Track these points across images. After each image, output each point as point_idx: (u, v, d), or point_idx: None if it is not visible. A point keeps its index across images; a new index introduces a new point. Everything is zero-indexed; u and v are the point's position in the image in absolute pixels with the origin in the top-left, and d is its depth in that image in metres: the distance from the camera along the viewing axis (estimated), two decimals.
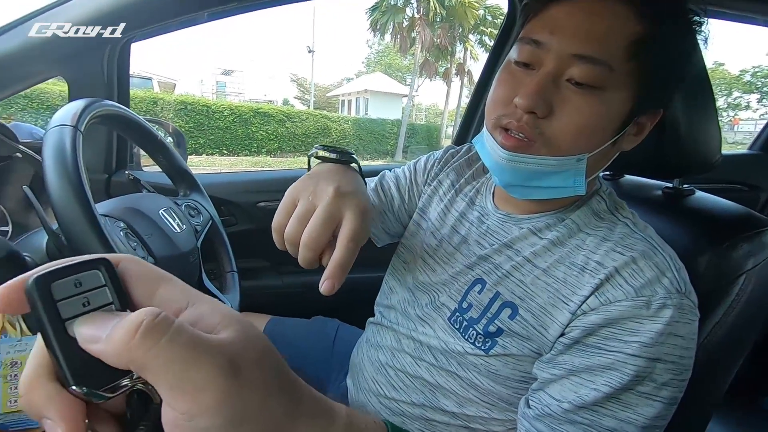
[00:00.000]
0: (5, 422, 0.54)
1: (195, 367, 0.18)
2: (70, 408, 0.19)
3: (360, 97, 26.40)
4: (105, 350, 0.18)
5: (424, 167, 0.75)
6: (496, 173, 0.55)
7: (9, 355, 0.53)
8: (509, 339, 0.51)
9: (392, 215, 0.74)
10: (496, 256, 0.57)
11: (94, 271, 0.19)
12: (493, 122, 0.53)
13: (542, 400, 0.47)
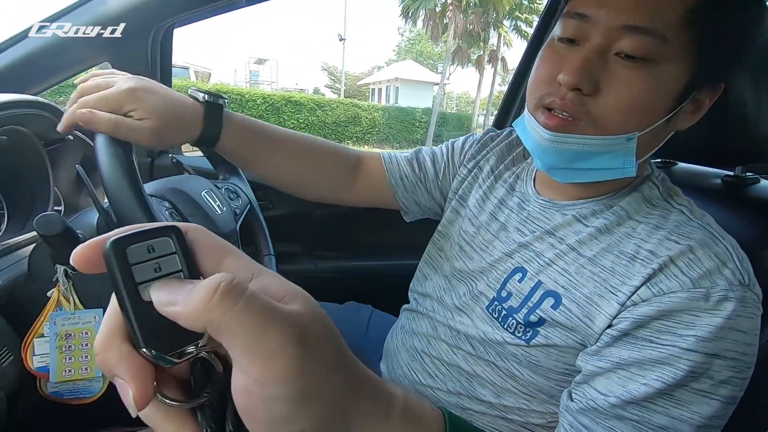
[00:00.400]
0: (60, 390, 0.57)
1: (268, 333, 0.18)
2: (140, 369, 0.19)
3: (390, 85, 26.25)
4: (182, 312, 0.19)
5: (461, 147, 0.74)
6: (538, 156, 0.53)
7: (63, 327, 0.56)
8: (552, 329, 0.49)
9: (424, 188, 0.73)
10: (538, 244, 0.55)
11: (166, 239, 0.20)
12: (535, 102, 0.51)
13: (586, 393, 0.45)
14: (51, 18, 0.79)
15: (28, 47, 0.79)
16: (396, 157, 0.74)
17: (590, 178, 0.51)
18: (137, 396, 0.19)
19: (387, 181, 0.73)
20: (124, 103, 0.48)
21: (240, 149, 0.61)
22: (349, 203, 0.75)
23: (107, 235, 0.20)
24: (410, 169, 0.73)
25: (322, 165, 0.69)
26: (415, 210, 0.75)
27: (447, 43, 19.25)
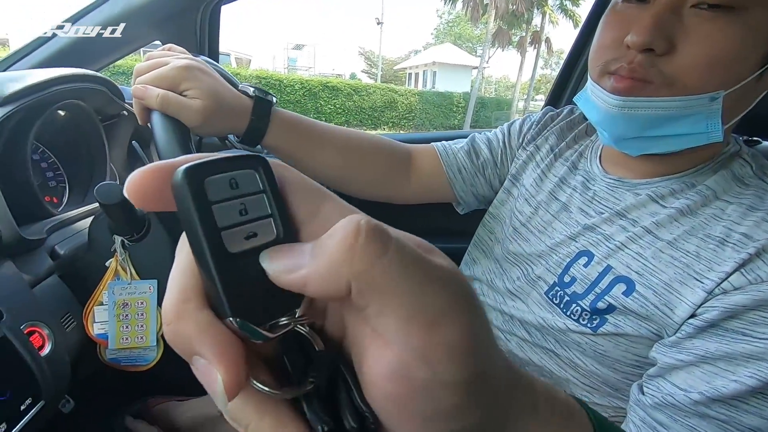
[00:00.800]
0: (118, 357, 0.59)
1: (432, 291, 0.14)
2: (229, 345, 0.14)
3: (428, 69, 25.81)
4: (315, 271, 0.14)
5: (519, 130, 0.69)
6: (605, 127, 0.49)
7: (121, 296, 0.57)
8: (622, 317, 0.46)
9: (483, 179, 0.70)
10: (606, 226, 0.50)
11: (251, 171, 0.15)
12: (600, 69, 0.47)
13: (662, 388, 0.41)
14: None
15: (86, 24, 0.81)
16: (451, 149, 0.70)
17: (668, 147, 0.46)
18: (228, 380, 0.14)
19: (444, 174, 0.69)
20: (177, 80, 0.48)
21: (286, 145, 0.59)
22: (401, 200, 0.71)
23: (176, 161, 0.15)
24: (468, 160, 0.69)
25: (372, 160, 0.66)
26: (471, 202, 0.72)
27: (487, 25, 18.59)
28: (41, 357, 0.45)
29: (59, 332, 0.50)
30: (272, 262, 0.15)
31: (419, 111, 14.66)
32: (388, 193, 0.70)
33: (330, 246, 0.14)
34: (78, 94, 0.65)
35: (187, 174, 0.14)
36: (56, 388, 0.46)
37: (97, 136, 0.71)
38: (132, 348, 0.59)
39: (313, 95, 12.57)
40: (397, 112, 14.22)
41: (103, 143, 0.72)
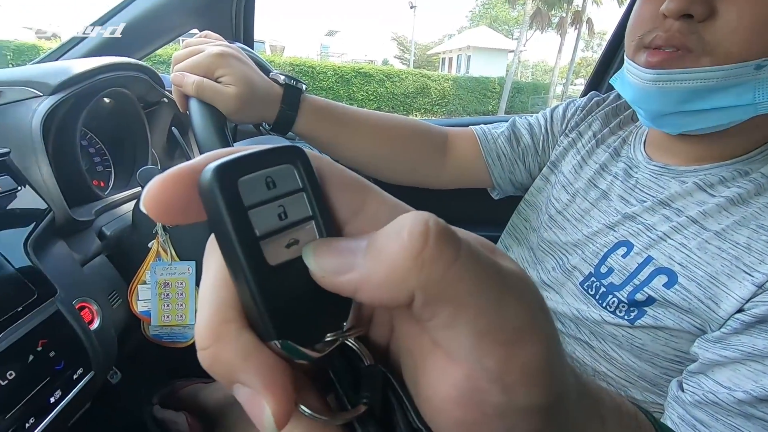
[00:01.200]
0: (160, 333, 0.63)
1: (511, 303, 0.12)
2: (275, 370, 0.12)
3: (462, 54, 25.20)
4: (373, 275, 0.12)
5: (562, 116, 0.66)
6: (641, 104, 0.46)
7: (162, 276, 0.60)
8: (662, 310, 0.44)
9: (523, 166, 0.67)
10: (648, 216, 0.48)
11: (289, 167, 0.13)
12: (635, 44, 0.44)
13: (704, 385, 0.39)
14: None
15: (126, 17, 0.84)
16: (491, 133, 0.68)
17: (711, 122, 0.43)
18: (278, 410, 0.12)
19: (482, 160, 0.67)
20: (212, 67, 0.49)
21: (317, 132, 0.59)
22: (436, 185, 0.69)
23: (199, 162, 0.13)
24: (508, 145, 0.67)
25: (406, 145, 0.65)
26: (508, 188, 0.70)
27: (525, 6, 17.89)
28: (91, 331, 0.48)
29: (107, 308, 0.54)
30: (319, 258, 0.13)
31: (452, 97, 14.38)
32: (423, 178, 0.68)
33: (392, 248, 0.12)
34: (122, 82, 0.67)
35: (218, 174, 0.12)
36: (104, 360, 0.49)
37: (139, 122, 0.74)
38: (172, 325, 0.62)
39: (346, 82, 12.57)
40: (429, 98, 14.02)
41: (145, 129, 0.75)
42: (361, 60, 31.52)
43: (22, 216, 0.48)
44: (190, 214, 0.13)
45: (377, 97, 13.09)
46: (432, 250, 0.11)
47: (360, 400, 0.13)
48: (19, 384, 0.38)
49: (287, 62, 12.24)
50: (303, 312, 0.13)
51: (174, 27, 0.89)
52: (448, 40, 31.95)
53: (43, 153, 0.52)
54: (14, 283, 0.42)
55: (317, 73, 12.16)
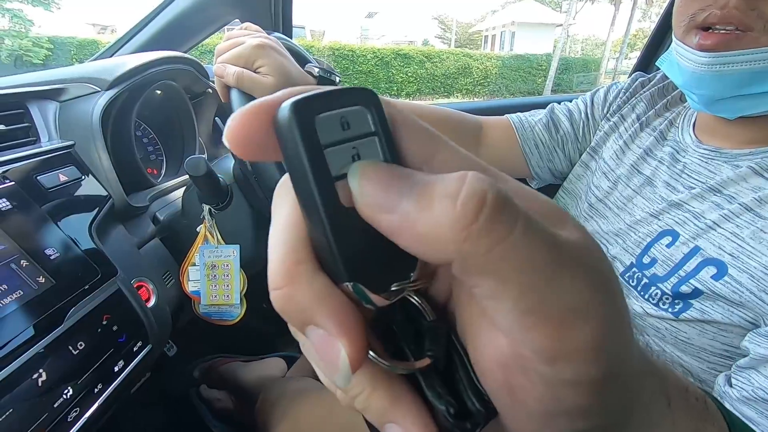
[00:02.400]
0: (209, 311, 0.67)
1: (566, 282, 0.11)
2: (351, 314, 0.12)
3: (505, 30, 24.17)
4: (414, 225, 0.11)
5: (604, 100, 0.63)
6: (693, 89, 0.43)
7: (209, 259, 0.64)
8: (711, 303, 0.41)
9: (563, 154, 0.65)
10: (696, 203, 0.45)
11: (362, 109, 0.13)
12: (686, 25, 0.41)
13: (754, 381, 0.37)
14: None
15: (172, 11, 0.87)
16: (528, 121, 0.66)
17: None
18: (353, 352, 0.12)
19: (519, 149, 0.65)
20: (252, 58, 0.50)
21: None
22: None
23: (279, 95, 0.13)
24: (547, 133, 0.65)
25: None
26: (547, 178, 0.68)
27: None
28: (148, 308, 0.52)
29: (161, 287, 0.58)
30: (364, 184, 0.12)
31: (495, 76, 13.88)
32: None
33: (440, 210, 0.11)
34: (170, 75, 0.71)
35: (296, 110, 0.12)
36: (160, 335, 0.54)
37: (187, 112, 0.78)
38: (220, 305, 0.66)
39: (385, 64, 12.44)
40: (471, 78, 13.62)
41: (192, 119, 0.79)
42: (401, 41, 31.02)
43: (87, 202, 0.52)
44: (269, 150, 0.13)
45: (417, 79, 12.87)
46: (482, 226, 0.10)
47: (424, 354, 0.13)
48: (88, 353, 0.43)
49: (327, 47, 12.28)
50: (373, 258, 0.12)
51: (216, 18, 0.93)
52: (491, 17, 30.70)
53: (103, 144, 0.56)
54: (82, 263, 0.46)
55: (357, 56, 12.11)
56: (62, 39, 10.44)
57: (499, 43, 24.98)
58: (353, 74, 12.03)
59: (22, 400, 0.36)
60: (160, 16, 0.88)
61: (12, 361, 0.36)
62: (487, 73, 13.81)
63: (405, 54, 12.77)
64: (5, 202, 0.43)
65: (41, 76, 0.60)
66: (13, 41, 9.21)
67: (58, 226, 0.47)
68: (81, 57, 10.07)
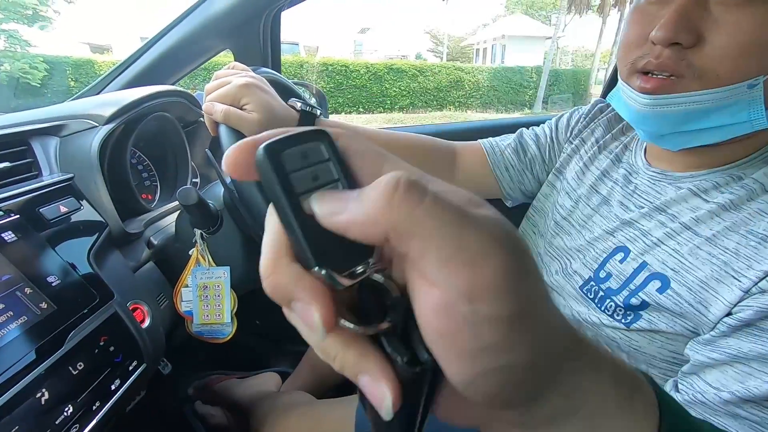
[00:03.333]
0: (202, 330, 0.70)
1: (470, 235, 0.15)
2: (320, 290, 0.16)
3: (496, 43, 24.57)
4: (357, 216, 0.15)
5: (567, 124, 0.69)
6: (639, 125, 0.48)
7: (201, 280, 0.68)
8: (657, 314, 0.45)
9: (531, 175, 0.70)
10: (645, 221, 0.50)
11: (317, 143, 0.17)
12: (628, 69, 0.46)
13: (695, 385, 0.41)
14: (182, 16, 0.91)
15: (165, 44, 0.92)
16: (498, 146, 0.71)
17: (710, 140, 0.45)
18: (324, 314, 0.16)
19: (491, 173, 0.70)
20: (238, 96, 0.55)
21: None
22: None
23: (257, 138, 0.17)
24: (515, 157, 0.70)
25: (415, 162, 0.69)
26: (519, 197, 0.73)
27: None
28: (143, 329, 0.56)
29: (155, 309, 0.62)
30: (320, 204, 0.16)
31: (487, 89, 14.09)
32: None
33: (371, 195, 0.15)
34: (163, 107, 0.76)
35: (267, 151, 0.17)
36: (154, 354, 0.57)
37: (180, 140, 0.82)
38: (212, 323, 0.69)
39: (378, 78, 12.61)
40: (463, 91, 13.81)
41: (185, 147, 0.83)
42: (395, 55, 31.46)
43: (85, 230, 0.56)
44: (253, 173, 0.18)
45: (410, 93, 13.04)
46: (400, 196, 0.15)
47: (385, 320, 0.17)
48: (86, 373, 0.46)
49: (320, 62, 12.44)
50: (334, 249, 0.17)
51: (208, 50, 0.97)
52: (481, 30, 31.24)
53: (100, 176, 0.60)
54: (81, 288, 0.50)
55: (350, 71, 12.27)
56: (58, 59, 10.55)
57: (491, 56, 25.40)
58: (347, 89, 12.17)
59: (26, 418, 0.40)
60: (155, 47, 0.93)
61: (17, 382, 0.40)
62: (478, 85, 14.01)
63: (398, 68, 12.96)
64: (10, 235, 0.47)
65: (43, 113, 0.64)
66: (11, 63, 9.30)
67: (58, 254, 0.50)
68: (77, 76, 10.15)
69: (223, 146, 0.55)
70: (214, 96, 0.55)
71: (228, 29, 0.96)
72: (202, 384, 0.87)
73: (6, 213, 0.48)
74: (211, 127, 0.57)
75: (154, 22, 7.52)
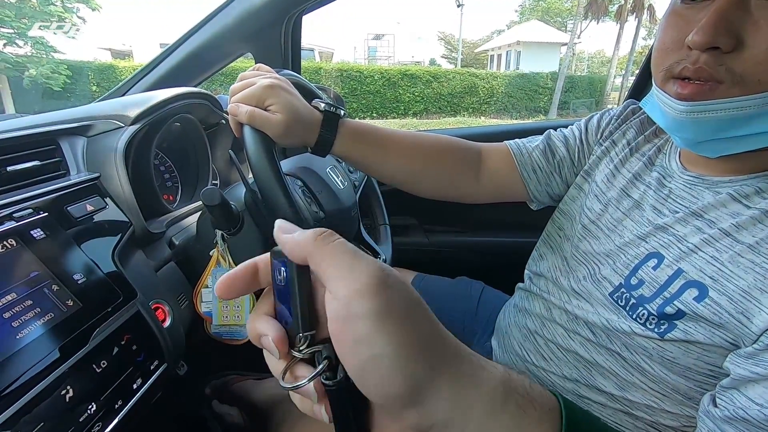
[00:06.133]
0: (220, 331, 0.70)
1: (356, 263, 0.22)
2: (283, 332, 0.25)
3: (511, 50, 24.48)
4: (296, 240, 0.23)
5: (597, 126, 0.67)
6: (675, 132, 0.46)
7: None
8: (693, 324, 0.44)
9: (560, 178, 0.68)
10: (680, 227, 0.48)
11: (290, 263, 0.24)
12: (663, 74, 0.44)
13: (736, 401, 0.39)
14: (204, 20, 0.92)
15: (188, 48, 0.93)
16: (525, 147, 0.69)
17: (750, 146, 0.43)
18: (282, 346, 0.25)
19: (518, 174, 0.68)
20: (263, 97, 0.54)
21: (353, 153, 0.63)
22: (472, 200, 0.72)
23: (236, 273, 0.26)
24: (544, 159, 0.68)
25: (439, 163, 0.68)
26: (545, 200, 0.71)
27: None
28: (164, 328, 0.56)
29: (176, 308, 0.62)
30: (280, 223, 0.25)
31: (501, 95, 14.02)
32: (458, 194, 0.71)
33: (306, 233, 0.23)
34: (186, 109, 0.76)
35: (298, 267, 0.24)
36: (175, 354, 0.57)
37: (201, 142, 0.83)
38: (231, 324, 0.69)
39: (392, 84, 12.65)
40: (477, 97, 13.78)
41: (207, 149, 0.84)
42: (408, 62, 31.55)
43: (110, 229, 0.56)
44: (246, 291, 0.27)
45: (424, 98, 13.06)
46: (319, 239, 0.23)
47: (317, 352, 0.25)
48: (109, 372, 0.46)
49: (335, 68, 12.55)
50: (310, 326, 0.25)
51: (230, 53, 0.99)
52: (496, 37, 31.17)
53: (125, 175, 0.61)
54: (105, 286, 0.50)
55: (364, 77, 12.35)
56: (81, 64, 10.85)
57: (505, 62, 25.30)
58: (361, 95, 12.24)
59: (51, 415, 0.40)
60: (179, 51, 0.94)
61: (43, 378, 0.40)
62: (493, 91, 13.96)
63: (412, 74, 12.99)
64: (39, 232, 0.47)
65: (70, 113, 0.65)
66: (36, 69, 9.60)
67: (85, 253, 0.51)
68: (99, 81, 10.42)
69: (247, 147, 0.54)
70: (239, 97, 0.55)
71: (250, 33, 0.97)
72: (220, 384, 0.86)
73: (35, 211, 0.49)
74: (236, 128, 0.57)
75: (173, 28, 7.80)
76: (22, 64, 9.64)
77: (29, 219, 0.47)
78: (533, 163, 0.68)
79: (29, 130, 0.57)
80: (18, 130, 0.57)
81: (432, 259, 1.30)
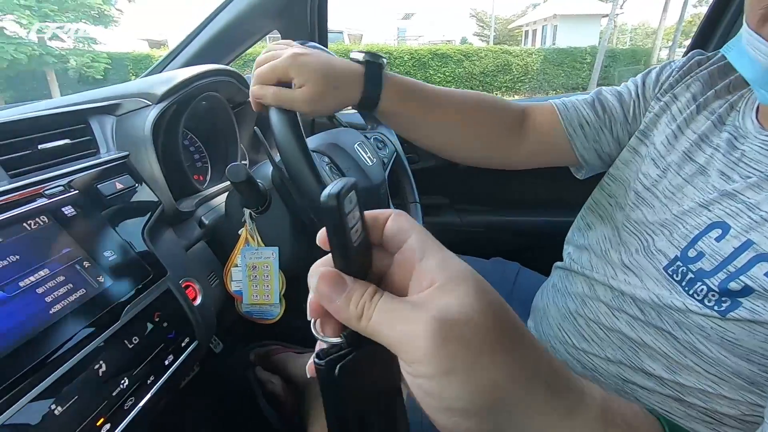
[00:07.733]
0: (251, 310, 0.70)
1: (397, 329, 0.21)
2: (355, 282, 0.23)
3: (547, 24, 23.39)
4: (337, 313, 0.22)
5: (656, 79, 0.60)
6: (765, 86, 0.40)
7: (250, 260, 0.67)
8: (763, 302, 0.39)
9: (610, 134, 0.61)
10: (752, 193, 0.42)
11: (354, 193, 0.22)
12: (762, 13, 0.38)
13: None
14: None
15: (215, 27, 0.92)
16: (572, 102, 0.63)
17: None
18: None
19: (563, 130, 0.62)
20: (287, 69, 0.51)
21: (401, 108, 0.57)
22: (514, 164, 0.66)
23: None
24: (593, 113, 0.61)
25: (483, 121, 0.62)
26: (594, 163, 0.64)
27: None
28: (194, 306, 0.56)
29: (207, 287, 0.62)
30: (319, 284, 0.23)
31: (536, 72, 13.46)
32: (501, 156, 0.65)
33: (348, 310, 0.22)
34: (214, 87, 0.75)
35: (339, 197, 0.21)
36: (206, 332, 0.57)
37: (229, 121, 0.82)
38: (261, 304, 0.69)
39: (423, 65, 12.40)
40: (511, 75, 13.29)
41: (234, 127, 0.83)
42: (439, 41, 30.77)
43: (140, 208, 0.57)
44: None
45: (455, 78, 12.72)
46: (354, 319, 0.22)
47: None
48: (141, 348, 0.46)
49: (364, 50, 12.38)
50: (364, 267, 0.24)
51: (257, 30, 0.97)
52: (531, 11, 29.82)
53: (154, 154, 0.61)
54: (136, 264, 0.51)
55: (394, 58, 12.14)
56: (119, 54, 11.25)
57: (541, 37, 24.23)
58: None
59: (85, 389, 0.40)
60: (205, 31, 0.94)
61: (77, 352, 0.40)
62: (527, 69, 13.43)
63: (442, 53, 12.67)
64: (70, 209, 0.48)
65: (99, 93, 0.65)
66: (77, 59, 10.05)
67: (115, 230, 0.51)
68: (137, 71, 10.79)
69: (275, 128, 0.53)
70: (262, 73, 0.53)
71: (276, 10, 0.95)
72: (264, 352, 0.88)
73: (66, 188, 0.49)
74: (257, 107, 0.56)
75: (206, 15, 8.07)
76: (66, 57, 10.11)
77: (61, 196, 0.48)
78: (580, 118, 0.62)
79: (60, 109, 0.58)
80: (49, 109, 0.57)
81: (465, 240, 1.26)
